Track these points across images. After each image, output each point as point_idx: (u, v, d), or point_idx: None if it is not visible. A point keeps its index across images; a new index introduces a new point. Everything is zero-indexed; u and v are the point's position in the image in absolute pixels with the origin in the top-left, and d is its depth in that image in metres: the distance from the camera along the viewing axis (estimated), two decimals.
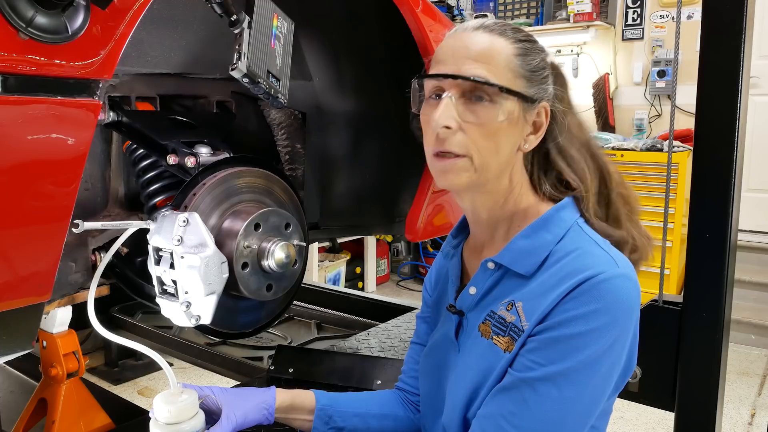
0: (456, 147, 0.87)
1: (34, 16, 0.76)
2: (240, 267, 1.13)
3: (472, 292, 0.94)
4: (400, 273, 5.51)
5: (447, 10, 5.33)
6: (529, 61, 0.89)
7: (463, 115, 0.87)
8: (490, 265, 0.92)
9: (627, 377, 0.89)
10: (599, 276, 0.81)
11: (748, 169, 3.95)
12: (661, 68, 4.84)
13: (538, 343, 0.82)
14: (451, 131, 0.87)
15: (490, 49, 0.88)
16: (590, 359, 0.80)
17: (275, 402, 1.03)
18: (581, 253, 0.86)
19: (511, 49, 0.88)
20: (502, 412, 0.83)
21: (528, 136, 0.91)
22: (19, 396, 1.83)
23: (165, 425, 0.90)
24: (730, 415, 2.97)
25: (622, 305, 0.82)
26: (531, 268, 0.88)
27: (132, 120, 1.23)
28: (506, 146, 0.89)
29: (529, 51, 0.90)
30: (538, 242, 0.89)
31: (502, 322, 0.88)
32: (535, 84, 0.90)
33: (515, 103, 0.87)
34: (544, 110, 0.91)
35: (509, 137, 0.89)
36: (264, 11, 1.02)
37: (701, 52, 1.45)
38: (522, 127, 0.90)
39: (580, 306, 0.80)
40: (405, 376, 1.15)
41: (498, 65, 0.87)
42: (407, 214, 1.67)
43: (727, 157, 1.43)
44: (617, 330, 0.81)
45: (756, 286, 4.07)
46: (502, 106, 0.86)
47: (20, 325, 0.91)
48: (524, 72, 0.89)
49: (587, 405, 0.82)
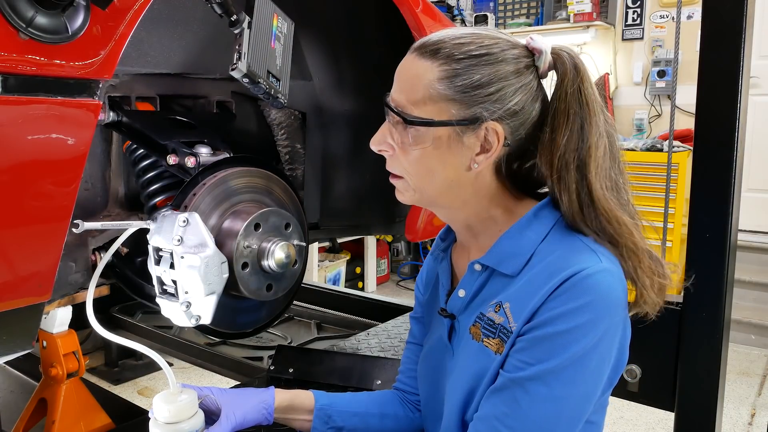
0: (393, 168, 0.92)
1: (34, 16, 0.76)
2: (240, 267, 1.13)
3: (462, 294, 0.95)
4: (400, 273, 5.51)
5: (447, 10, 5.33)
6: (459, 81, 0.84)
7: (396, 139, 0.89)
8: (477, 266, 0.93)
9: (620, 372, 0.89)
10: (582, 272, 0.81)
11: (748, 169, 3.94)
12: (661, 68, 4.84)
13: (526, 343, 0.83)
14: (389, 153, 0.91)
15: (412, 77, 0.87)
16: (578, 356, 0.80)
17: (274, 402, 1.03)
18: (565, 250, 0.85)
19: (434, 74, 0.85)
20: (495, 414, 0.83)
21: (476, 156, 0.87)
22: (19, 396, 1.83)
23: (164, 424, 0.90)
24: (730, 415, 2.97)
25: (606, 300, 0.81)
26: (516, 268, 0.88)
27: (132, 120, 1.23)
28: (441, 170, 0.87)
29: (461, 70, 0.84)
30: (523, 242, 0.88)
31: (491, 323, 0.88)
32: (474, 104, 0.84)
33: (443, 129, 0.85)
34: (493, 130, 0.85)
35: (444, 162, 0.87)
36: (264, 11, 1.02)
37: (701, 52, 1.45)
38: (461, 149, 0.86)
39: (565, 303, 0.80)
40: (403, 376, 1.15)
41: (417, 93, 0.86)
42: (407, 214, 1.67)
43: (727, 157, 1.43)
44: (604, 325, 0.81)
45: (756, 286, 4.07)
46: (425, 134, 0.86)
47: (20, 325, 0.91)
48: (452, 95, 0.84)
49: (579, 401, 0.83)
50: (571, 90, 0.87)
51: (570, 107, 0.86)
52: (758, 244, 4.31)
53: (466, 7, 5.58)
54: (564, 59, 0.88)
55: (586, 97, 0.87)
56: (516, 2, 5.43)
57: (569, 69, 0.87)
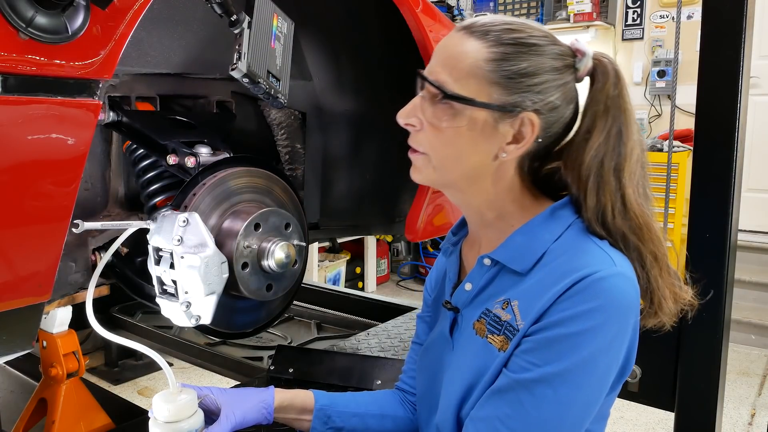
0: (416, 143, 0.90)
1: (34, 16, 0.76)
2: (240, 267, 1.13)
3: (468, 288, 0.94)
4: (400, 273, 5.51)
5: (447, 10, 5.33)
6: (507, 66, 0.83)
7: (427, 116, 0.87)
8: (486, 261, 0.92)
9: (624, 378, 0.88)
10: (596, 275, 0.80)
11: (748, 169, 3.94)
12: (661, 68, 4.84)
13: (534, 344, 0.81)
14: (416, 129, 0.89)
15: (457, 53, 0.85)
16: (586, 359, 0.79)
17: (274, 402, 1.03)
18: (578, 251, 0.84)
19: (483, 54, 0.84)
20: (497, 415, 0.82)
21: (507, 145, 0.86)
22: (19, 396, 1.84)
23: (164, 424, 0.91)
24: (730, 415, 2.97)
25: (618, 304, 0.80)
26: (527, 266, 0.87)
27: (132, 120, 1.23)
28: (470, 153, 0.87)
29: (512, 56, 0.83)
30: (535, 240, 0.88)
31: (498, 320, 0.87)
32: (517, 92, 0.84)
33: (481, 111, 0.84)
34: (530, 121, 0.85)
35: (474, 145, 0.86)
36: (264, 11, 1.02)
37: (701, 52, 1.45)
38: (493, 136, 0.85)
39: (576, 305, 0.79)
40: (405, 376, 1.15)
41: (461, 71, 0.84)
42: (407, 214, 1.67)
43: (727, 157, 1.43)
44: (614, 330, 0.80)
45: (756, 286, 4.07)
46: (461, 113, 0.84)
47: (20, 325, 0.91)
48: (498, 78, 0.83)
49: (584, 406, 0.82)
50: (612, 94, 0.87)
51: (610, 111, 0.87)
52: (758, 244, 4.32)
53: (466, 7, 5.58)
54: (605, 65, 0.89)
55: (625, 103, 0.88)
56: (516, 2, 5.43)
57: (611, 74, 0.88)
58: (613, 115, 0.87)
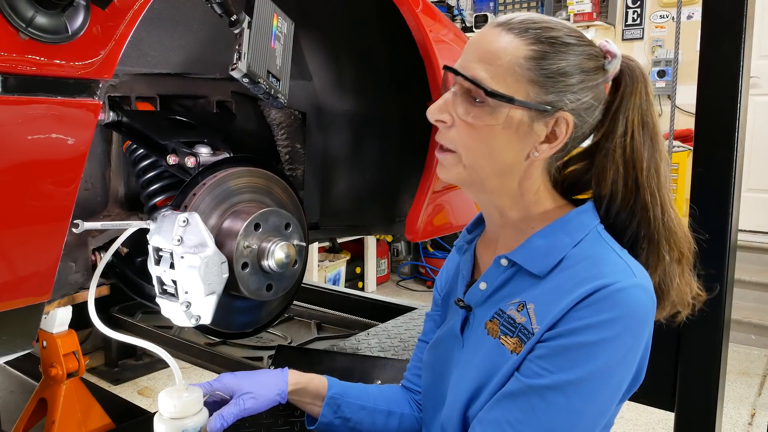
0: (446, 141, 0.88)
1: (34, 16, 0.76)
2: (240, 267, 1.13)
3: (483, 287, 0.93)
4: (400, 273, 5.51)
5: (447, 10, 5.33)
6: (546, 65, 0.82)
7: (459, 113, 0.85)
8: (504, 261, 0.90)
9: (634, 388, 0.87)
10: (615, 285, 0.79)
11: (748, 169, 3.95)
12: (661, 68, 4.84)
13: (549, 350, 0.80)
14: (447, 125, 0.87)
15: (496, 50, 0.83)
16: (601, 370, 0.78)
17: (287, 385, 1.05)
18: (597, 259, 0.84)
19: (522, 51, 0.82)
20: (507, 419, 0.81)
21: (540, 144, 0.85)
22: (19, 396, 1.84)
23: (168, 419, 0.92)
24: (730, 415, 2.97)
25: (636, 316, 0.80)
26: (545, 269, 0.86)
27: (132, 120, 1.23)
28: (503, 152, 0.85)
29: (551, 54, 0.82)
30: (555, 243, 0.87)
31: (512, 322, 0.86)
32: (554, 91, 0.83)
33: (518, 109, 0.83)
34: (565, 121, 0.84)
35: (508, 143, 0.85)
36: (264, 11, 1.02)
37: (701, 52, 1.45)
38: (528, 134, 0.85)
39: (594, 314, 0.78)
40: (409, 373, 1.15)
41: (500, 67, 0.82)
42: (407, 214, 1.67)
43: (727, 157, 1.43)
44: (630, 341, 0.80)
45: (756, 286, 4.07)
46: (498, 111, 0.83)
47: (20, 325, 0.91)
48: (536, 77, 0.82)
49: (595, 416, 0.81)
50: (644, 98, 0.88)
51: (645, 115, 0.88)
52: (758, 244, 4.31)
53: (466, 7, 5.58)
54: (633, 68, 0.89)
55: (653, 106, 0.89)
56: (516, 2, 5.43)
57: (639, 78, 0.88)
58: (646, 119, 0.88)
